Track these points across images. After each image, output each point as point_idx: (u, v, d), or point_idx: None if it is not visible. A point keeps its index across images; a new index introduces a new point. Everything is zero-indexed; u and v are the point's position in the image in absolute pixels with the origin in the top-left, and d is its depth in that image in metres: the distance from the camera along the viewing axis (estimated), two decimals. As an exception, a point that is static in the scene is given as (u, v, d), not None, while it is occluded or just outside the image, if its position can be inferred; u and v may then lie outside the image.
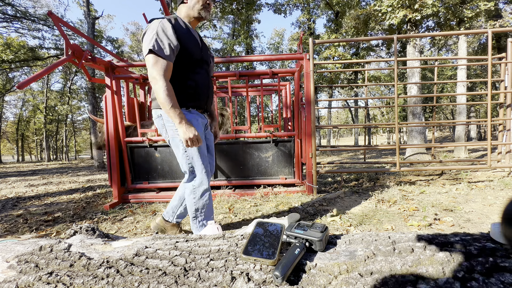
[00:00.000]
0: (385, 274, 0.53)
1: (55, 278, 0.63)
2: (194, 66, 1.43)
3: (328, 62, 3.19)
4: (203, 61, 1.48)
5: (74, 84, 22.34)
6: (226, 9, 11.03)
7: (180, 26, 1.35)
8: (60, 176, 7.58)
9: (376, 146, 3.45)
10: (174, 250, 0.68)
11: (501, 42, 7.60)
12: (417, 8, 6.46)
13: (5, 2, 10.69)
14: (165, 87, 1.24)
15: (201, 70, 1.46)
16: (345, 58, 13.03)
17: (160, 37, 1.24)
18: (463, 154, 7.16)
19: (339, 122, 54.76)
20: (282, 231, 0.69)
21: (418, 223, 1.91)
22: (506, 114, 3.33)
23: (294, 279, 0.56)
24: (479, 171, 3.85)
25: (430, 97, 16.27)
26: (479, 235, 0.63)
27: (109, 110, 3.07)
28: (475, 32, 3.03)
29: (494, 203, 2.32)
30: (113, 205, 2.96)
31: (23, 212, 2.99)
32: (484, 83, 15.73)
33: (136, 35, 23.58)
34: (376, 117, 34.78)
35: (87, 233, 0.89)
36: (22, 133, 27.29)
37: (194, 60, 1.41)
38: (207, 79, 1.51)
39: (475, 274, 0.49)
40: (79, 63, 2.77)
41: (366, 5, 12.02)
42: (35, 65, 14.68)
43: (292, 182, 3.18)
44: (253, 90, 5.07)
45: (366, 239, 0.67)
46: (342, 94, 23.23)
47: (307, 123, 3.09)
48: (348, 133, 74.09)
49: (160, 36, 1.24)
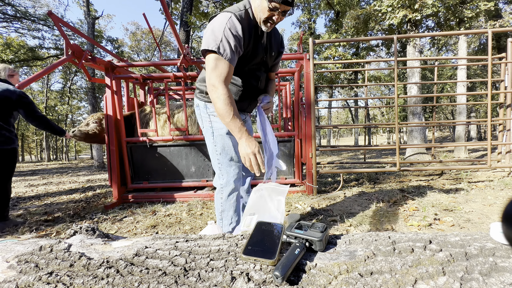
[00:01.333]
0: (385, 274, 0.53)
1: (55, 278, 0.63)
2: (252, 70, 1.29)
3: (328, 62, 3.19)
4: (262, 63, 1.32)
5: (74, 84, 22.32)
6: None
7: (246, 23, 1.16)
8: (60, 176, 7.58)
9: (376, 146, 3.45)
10: (174, 250, 0.68)
11: (501, 42, 7.61)
12: (417, 8, 6.46)
13: (5, 2, 10.69)
14: (225, 96, 1.08)
15: (257, 72, 1.32)
16: (345, 58, 13.03)
17: (227, 36, 1.08)
18: (463, 154, 7.16)
19: (339, 122, 54.76)
20: (282, 231, 0.69)
21: (418, 223, 1.91)
22: (506, 114, 3.33)
23: (294, 279, 0.56)
24: (479, 171, 3.85)
25: (430, 97, 16.28)
26: (479, 235, 0.63)
27: (109, 110, 3.07)
28: (475, 32, 3.04)
29: (494, 203, 2.32)
30: (113, 205, 2.96)
31: (23, 212, 2.99)
32: (484, 83, 15.73)
33: (136, 35, 23.58)
34: (376, 117, 34.79)
35: (87, 233, 0.89)
36: (22, 133, 27.27)
37: (253, 63, 1.27)
38: (257, 82, 1.34)
39: (475, 274, 0.49)
40: (79, 63, 2.77)
41: (366, 5, 12.02)
42: (35, 65, 14.68)
43: (292, 182, 3.18)
44: (253, 90, 5.07)
45: (366, 239, 0.67)
46: (342, 94, 23.24)
47: (307, 123, 3.09)
48: (348, 133, 74.11)
49: (227, 36, 1.08)
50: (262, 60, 1.30)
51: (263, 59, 1.29)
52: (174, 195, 3.09)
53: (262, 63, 1.31)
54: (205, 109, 1.36)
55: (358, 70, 3.60)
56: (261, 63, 1.31)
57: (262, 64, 1.32)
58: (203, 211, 2.56)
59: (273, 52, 1.33)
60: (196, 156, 3.16)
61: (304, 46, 12.43)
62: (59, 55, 13.33)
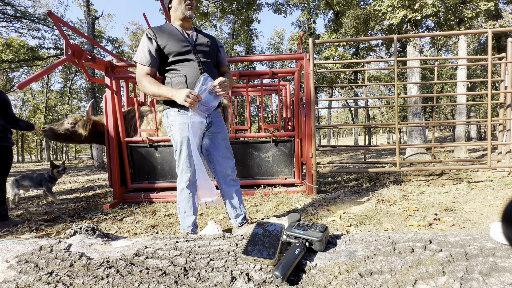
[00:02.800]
0: (385, 274, 0.53)
1: (55, 278, 0.63)
2: (181, 60, 1.52)
3: (328, 62, 3.19)
4: (189, 52, 1.53)
5: (74, 84, 22.31)
6: (226, 9, 11.02)
7: (162, 30, 1.52)
8: (60, 176, 7.56)
9: (376, 146, 3.45)
10: (174, 250, 0.68)
11: (501, 42, 7.60)
12: (417, 8, 6.46)
13: (5, 2, 10.69)
14: (146, 83, 1.45)
15: (189, 62, 1.53)
16: (345, 58, 13.03)
17: (140, 48, 1.51)
18: (463, 154, 7.16)
19: (339, 122, 54.75)
20: (282, 231, 0.69)
21: (418, 223, 1.91)
22: (506, 114, 3.33)
23: (294, 279, 0.56)
24: (479, 171, 3.85)
25: (430, 97, 16.28)
26: (479, 235, 0.63)
27: (109, 110, 3.07)
28: (475, 32, 3.03)
29: (494, 203, 2.32)
30: (113, 205, 2.96)
31: (23, 212, 2.99)
32: (484, 83, 15.73)
33: (136, 35, 23.58)
34: (376, 117, 34.77)
35: (87, 233, 0.89)
36: (22, 133, 27.27)
37: (178, 53, 1.51)
38: (197, 70, 1.54)
39: (475, 274, 0.49)
40: (79, 63, 2.77)
41: (365, 5, 12.02)
42: (35, 65, 14.67)
43: (292, 182, 3.18)
44: (253, 90, 5.07)
45: (366, 239, 0.67)
46: (342, 94, 23.23)
47: (307, 123, 3.09)
48: (348, 133, 74.09)
49: (140, 48, 1.51)
50: (188, 50, 1.53)
51: (188, 50, 1.53)
52: (174, 195, 3.09)
53: (189, 52, 1.54)
54: (166, 118, 1.60)
55: (358, 70, 3.60)
56: (188, 52, 1.53)
57: (192, 52, 1.55)
58: (203, 211, 2.56)
59: (198, 42, 1.59)
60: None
61: (304, 46, 12.43)
62: (59, 55, 13.33)
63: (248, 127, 3.37)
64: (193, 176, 1.59)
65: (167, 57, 1.52)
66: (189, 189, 1.61)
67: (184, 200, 1.63)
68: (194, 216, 1.66)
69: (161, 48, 1.51)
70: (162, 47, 1.50)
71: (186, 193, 1.62)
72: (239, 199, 1.76)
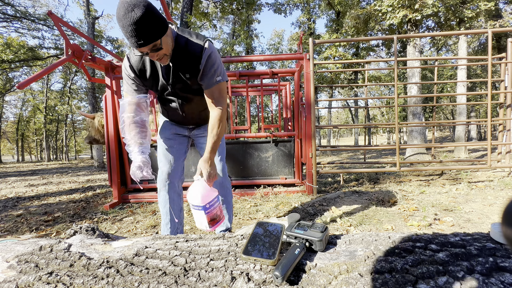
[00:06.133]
0: (385, 274, 0.53)
1: (55, 278, 0.63)
2: (161, 99, 1.46)
3: (328, 62, 3.19)
4: (167, 93, 1.36)
5: (74, 84, 22.31)
6: (226, 9, 11.03)
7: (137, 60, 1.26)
8: (60, 176, 7.58)
9: (376, 146, 3.45)
10: (174, 250, 0.68)
11: (501, 42, 7.61)
12: (417, 8, 6.46)
13: (5, 2, 10.69)
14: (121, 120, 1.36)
15: (170, 102, 1.43)
16: (345, 58, 13.02)
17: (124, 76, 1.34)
18: (463, 154, 7.16)
19: (339, 122, 54.72)
20: (282, 231, 0.69)
21: (418, 223, 1.91)
22: (506, 114, 3.33)
23: (294, 279, 0.56)
24: (479, 171, 3.85)
25: (430, 97, 16.27)
26: (479, 235, 0.63)
27: (109, 110, 3.07)
28: (475, 32, 3.04)
29: (494, 203, 2.32)
30: (113, 205, 2.96)
31: (23, 212, 2.99)
32: (484, 83, 15.73)
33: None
34: (376, 117, 34.76)
35: (87, 233, 0.89)
36: (22, 133, 27.28)
37: (160, 91, 1.37)
38: (179, 112, 1.44)
39: (475, 274, 0.49)
40: (79, 63, 2.77)
41: (366, 5, 12.02)
42: (35, 65, 14.67)
43: (292, 182, 3.18)
44: (253, 90, 5.08)
45: (366, 239, 0.67)
46: (342, 94, 23.22)
47: (307, 123, 3.09)
48: (348, 133, 74.09)
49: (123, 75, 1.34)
50: (168, 88, 1.33)
51: (166, 87, 1.32)
52: (174, 195, 3.09)
53: (171, 90, 1.34)
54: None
55: (358, 70, 3.61)
56: (169, 90, 1.34)
57: (172, 91, 1.34)
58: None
59: (175, 78, 1.28)
60: (196, 156, 3.16)
61: (304, 46, 12.42)
62: (59, 55, 13.32)
63: (248, 127, 3.37)
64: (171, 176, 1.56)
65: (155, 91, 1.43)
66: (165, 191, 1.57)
67: (162, 205, 1.58)
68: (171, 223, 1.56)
69: (142, 82, 1.35)
70: (146, 82, 1.34)
71: (161, 197, 1.58)
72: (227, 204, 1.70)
